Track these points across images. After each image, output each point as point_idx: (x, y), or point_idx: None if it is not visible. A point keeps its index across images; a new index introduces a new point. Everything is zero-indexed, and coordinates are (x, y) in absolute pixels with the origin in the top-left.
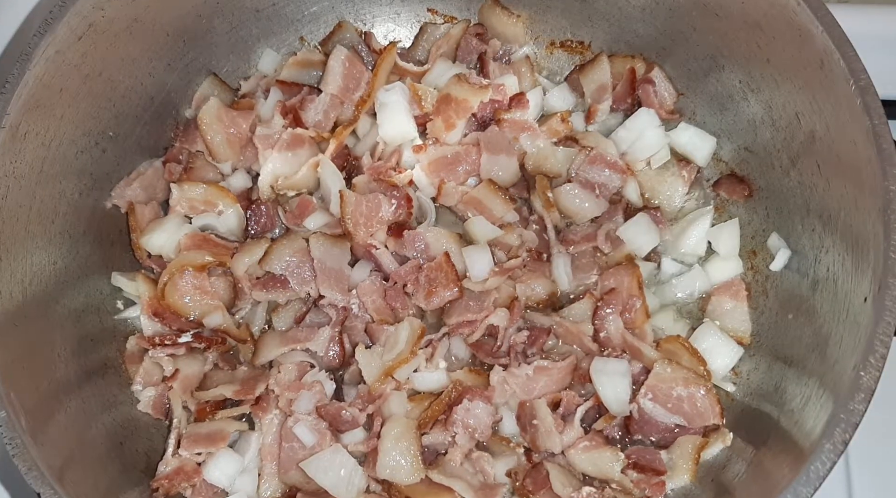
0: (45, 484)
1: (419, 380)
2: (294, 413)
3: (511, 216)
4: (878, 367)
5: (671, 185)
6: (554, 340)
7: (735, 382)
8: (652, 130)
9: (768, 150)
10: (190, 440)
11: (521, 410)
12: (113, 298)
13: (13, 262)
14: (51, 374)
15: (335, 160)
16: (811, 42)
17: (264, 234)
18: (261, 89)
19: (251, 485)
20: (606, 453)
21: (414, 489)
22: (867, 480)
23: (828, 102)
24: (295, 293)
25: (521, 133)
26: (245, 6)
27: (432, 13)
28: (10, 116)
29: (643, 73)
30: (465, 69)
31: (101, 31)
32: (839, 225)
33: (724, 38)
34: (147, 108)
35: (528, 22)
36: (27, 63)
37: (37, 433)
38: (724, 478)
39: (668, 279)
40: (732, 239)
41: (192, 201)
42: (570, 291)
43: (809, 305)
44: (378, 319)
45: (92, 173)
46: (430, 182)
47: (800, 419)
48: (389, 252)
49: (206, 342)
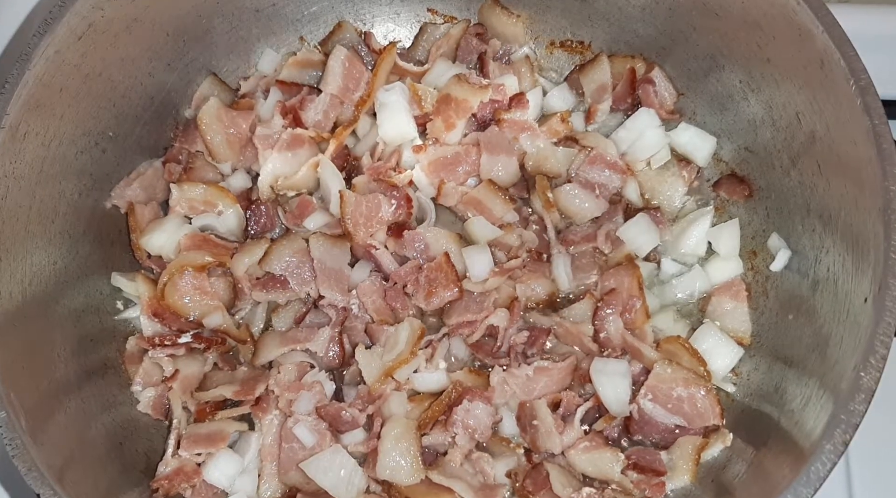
0: (44, 484)
1: (419, 380)
2: (294, 414)
3: (511, 216)
4: (879, 367)
5: (671, 185)
6: (554, 340)
7: (735, 382)
8: (652, 130)
9: (768, 150)
10: (190, 441)
11: (521, 410)
12: (113, 299)
13: (13, 262)
14: (51, 374)
15: (335, 160)
16: (811, 42)
17: (264, 234)
18: (261, 89)
19: (251, 485)
20: (606, 454)
21: (414, 490)
22: (867, 481)
23: (828, 102)
24: (295, 293)
25: (521, 133)
26: (245, 6)
27: (432, 13)
28: (10, 116)
29: (643, 73)
30: (465, 69)
31: (100, 31)
32: (839, 225)
33: (724, 38)
34: (147, 108)
35: (528, 22)
36: (27, 63)
37: (37, 433)
38: (725, 478)
39: (669, 279)
40: (732, 239)
41: (192, 201)
42: (570, 292)
43: (810, 305)
44: (378, 320)
45: (92, 173)
46: (429, 182)
47: (800, 420)
48: (389, 252)
49: (206, 343)
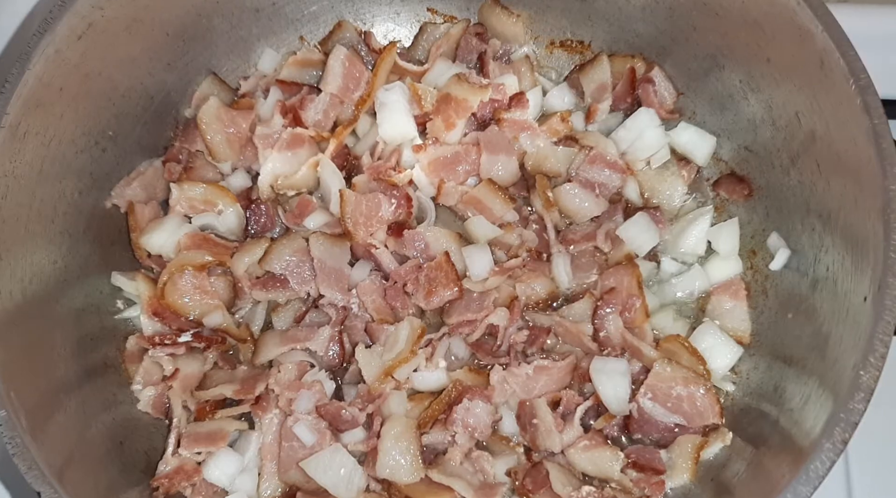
0: (44, 483)
1: (419, 379)
2: (294, 412)
3: (511, 216)
4: (878, 366)
5: (671, 184)
6: (554, 339)
7: (735, 381)
8: (652, 130)
9: (768, 149)
10: (190, 439)
11: (520, 409)
12: (113, 298)
13: (13, 261)
14: (51, 373)
15: (335, 160)
16: (811, 41)
17: (264, 233)
18: (260, 89)
19: (251, 484)
20: (606, 453)
21: (414, 488)
22: (867, 480)
23: (828, 102)
24: (295, 293)
25: (521, 133)
26: (245, 5)
27: (432, 13)
28: (10, 116)
29: (643, 72)
30: (465, 69)
31: (100, 31)
32: (839, 224)
33: (724, 38)
34: (147, 107)
35: (528, 21)
36: (27, 62)
37: (37, 432)
38: (724, 477)
39: (668, 279)
40: (732, 238)
41: (192, 201)
42: (570, 291)
43: (809, 304)
44: (378, 319)
45: (92, 173)
46: (429, 182)
47: (799, 419)
48: (389, 252)
49: (206, 342)
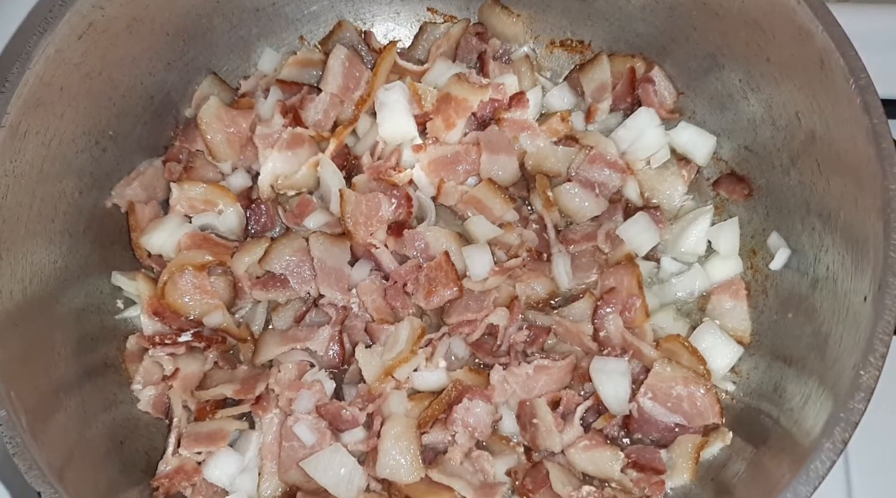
0: (45, 483)
1: (419, 379)
2: (294, 412)
3: (511, 215)
4: (878, 366)
5: (671, 184)
6: (554, 339)
7: (735, 381)
8: (652, 130)
9: (768, 149)
10: (190, 439)
11: (520, 409)
12: (113, 298)
13: (13, 261)
14: (51, 373)
15: (335, 159)
16: (811, 41)
17: (264, 233)
18: (260, 88)
19: (251, 484)
20: (606, 452)
21: (414, 488)
22: (867, 480)
23: (828, 101)
24: (295, 292)
25: (521, 132)
26: (245, 5)
27: (432, 12)
28: (10, 115)
29: (643, 72)
30: (465, 68)
31: (101, 30)
32: (839, 224)
33: (724, 37)
34: (147, 107)
35: (528, 21)
36: (27, 62)
37: (37, 432)
38: (724, 477)
39: (668, 278)
40: (732, 238)
41: (192, 201)
42: (570, 290)
43: (809, 304)
44: (378, 319)
45: (92, 172)
46: (429, 181)
47: (799, 418)
48: (389, 251)
49: (206, 341)
